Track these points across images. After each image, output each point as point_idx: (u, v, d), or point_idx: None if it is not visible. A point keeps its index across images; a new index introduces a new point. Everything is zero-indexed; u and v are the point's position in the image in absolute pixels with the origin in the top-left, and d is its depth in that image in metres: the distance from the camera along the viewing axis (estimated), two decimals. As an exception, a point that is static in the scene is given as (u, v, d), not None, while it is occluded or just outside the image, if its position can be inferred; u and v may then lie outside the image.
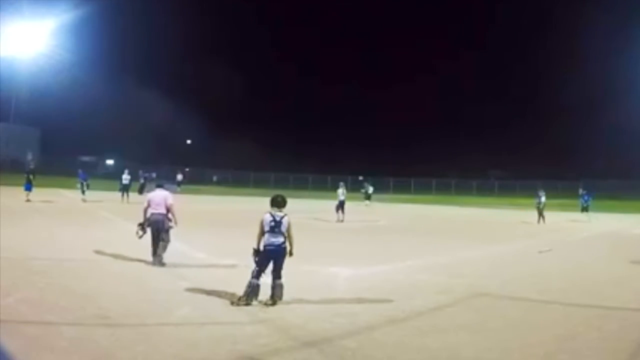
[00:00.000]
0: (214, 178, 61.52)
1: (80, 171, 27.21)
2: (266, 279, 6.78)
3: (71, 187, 24.62)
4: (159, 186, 9.96)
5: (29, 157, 57.36)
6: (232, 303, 6.61)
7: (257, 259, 6.77)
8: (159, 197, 9.51)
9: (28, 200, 21.38)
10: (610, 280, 9.25)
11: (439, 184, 58.80)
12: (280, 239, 6.81)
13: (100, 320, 5.71)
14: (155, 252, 9.18)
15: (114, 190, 27.81)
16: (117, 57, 62.10)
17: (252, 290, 6.62)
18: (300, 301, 6.92)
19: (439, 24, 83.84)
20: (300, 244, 7.18)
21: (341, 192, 21.48)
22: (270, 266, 6.77)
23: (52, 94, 49.93)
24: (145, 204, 9.50)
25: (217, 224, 17.07)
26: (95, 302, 6.41)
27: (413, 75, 77.09)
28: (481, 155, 63.91)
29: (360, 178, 43.35)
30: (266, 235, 6.76)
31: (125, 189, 25.97)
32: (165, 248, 9.20)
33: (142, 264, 9.14)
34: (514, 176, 57.34)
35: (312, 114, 77.31)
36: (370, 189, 33.94)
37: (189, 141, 73.39)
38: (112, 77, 58.01)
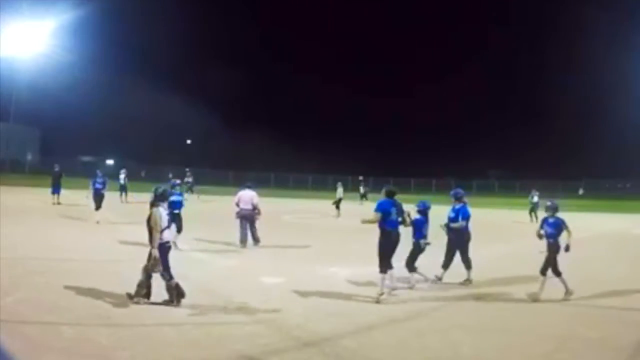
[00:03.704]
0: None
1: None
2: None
3: (71, 187, 24.51)
4: (248, 187, 11.99)
5: (27, 157, 57.32)
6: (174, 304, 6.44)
7: (161, 259, 6.44)
8: (247, 196, 11.64)
9: (58, 204, 21.35)
10: (610, 280, 9.24)
11: (439, 184, 58.79)
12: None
13: (100, 320, 5.71)
14: (242, 240, 11.37)
15: (113, 190, 27.79)
16: (117, 57, 62.01)
17: (179, 291, 6.45)
18: (300, 301, 6.93)
19: (440, 25, 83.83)
20: (300, 244, 7.17)
21: (340, 190, 23.64)
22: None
23: (52, 94, 49.85)
24: (236, 199, 11.73)
25: (218, 224, 17.04)
26: (95, 302, 6.42)
27: (413, 76, 77.05)
28: (481, 156, 63.90)
29: (360, 178, 43.53)
30: (166, 232, 6.57)
31: (122, 188, 26.15)
32: (255, 234, 11.54)
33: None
34: (514, 176, 57.37)
35: (312, 113, 77.22)
36: (362, 190, 35.97)
37: (189, 141, 73.36)
38: (112, 77, 58.04)
